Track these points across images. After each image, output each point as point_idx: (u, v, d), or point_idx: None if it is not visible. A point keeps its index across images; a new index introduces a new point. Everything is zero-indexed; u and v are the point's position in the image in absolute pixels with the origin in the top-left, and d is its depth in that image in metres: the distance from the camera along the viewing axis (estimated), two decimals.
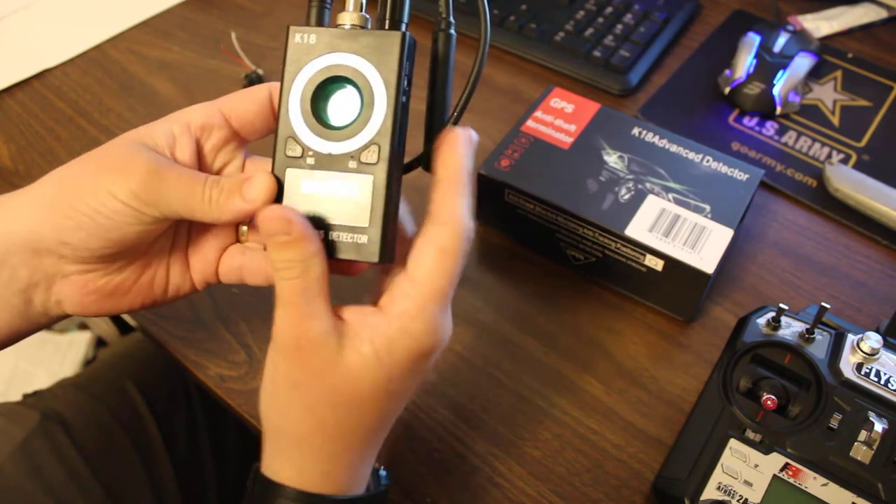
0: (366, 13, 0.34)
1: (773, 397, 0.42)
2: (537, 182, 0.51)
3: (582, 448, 0.46)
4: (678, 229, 0.48)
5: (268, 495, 0.34)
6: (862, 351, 0.42)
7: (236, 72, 0.69)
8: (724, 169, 0.52)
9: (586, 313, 0.52)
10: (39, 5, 0.76)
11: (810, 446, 0.40)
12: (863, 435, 0.40)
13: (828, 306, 0.42)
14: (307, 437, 0.34)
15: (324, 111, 0.34)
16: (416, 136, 0.36)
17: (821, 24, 0.73)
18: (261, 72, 0.68)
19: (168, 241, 0.40)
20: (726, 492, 0.39)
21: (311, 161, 0.34)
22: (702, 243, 0.48)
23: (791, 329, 0.44)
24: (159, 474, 0.60)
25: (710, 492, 0.40)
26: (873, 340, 0.42)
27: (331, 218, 0.34)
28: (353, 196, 0.33)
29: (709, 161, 0.53)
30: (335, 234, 0.34)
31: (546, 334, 0.51)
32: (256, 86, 0.38)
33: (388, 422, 0.36)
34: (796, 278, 0.54)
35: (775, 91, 0.64)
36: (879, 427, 0.40)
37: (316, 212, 0.34)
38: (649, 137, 0.54)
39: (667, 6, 0.72)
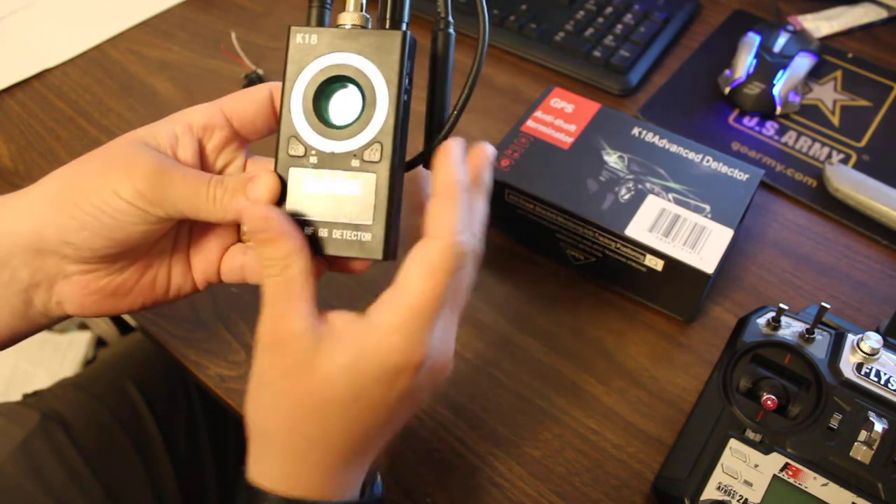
0: (366, 13, 0.35)
1: (773, 397, 0.42)
2: (537, 182, 0.51)
3: (582, 448, 0.46)
4: (678, 229, 0.48)
5: (251, 499, 0.33)
6: (862, 351, 0.42)
7: (236, 72, 0.69)
8: (724, 169, 0.52)
9: (586, 313, 0.52)
10: (39, 5, 0.76)
11: (810, 446, 0.40)
12: (863, 435, 0.40)
13: (828, 306, 0.42)
14: (281, 438, 0.33)
15: (326, 110, 0.34)
16: (416, 136, 0.36)
17: (821, 24, 0.73)
18: (261, 72, 0.68)
19: (170, 241, 0.40)
20: (726, 492, 0.39)
21: (313, 160, 0.34)
22: (702, 243, 0.48)
23: (791, 329, 0.44)
24: (159, 474, 0.60)
25: (710, 492, 0.40)
26: (873, 340, 0.42)
27: (334, 216, 0.34)
28: (356, 194, 0.34)
29: (709, 161, 0.53)
30: (338, 232, 0.34)
31: (546, 334, 0.51)
32: (257, 86, 0.38)
33: (371, 434, 0.34)
34: (796, 278, 0.54)
35: (775, 91, 0.64)
36: (879, 427, 0.40)
37: (319, 210, 0.34)
38: (649, 137, 0.54)
39: (667, 6, 0.72)
